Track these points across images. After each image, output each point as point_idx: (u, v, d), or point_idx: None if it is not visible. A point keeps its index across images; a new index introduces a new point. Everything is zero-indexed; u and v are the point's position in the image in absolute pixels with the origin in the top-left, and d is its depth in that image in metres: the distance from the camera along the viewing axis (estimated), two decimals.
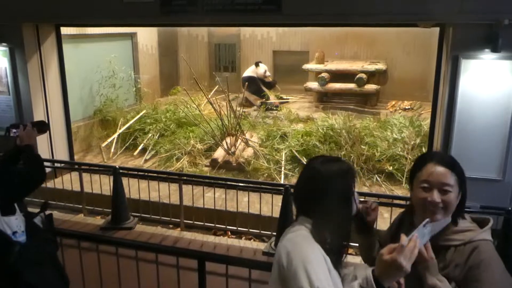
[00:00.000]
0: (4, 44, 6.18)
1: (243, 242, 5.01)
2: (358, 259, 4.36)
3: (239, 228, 5.20)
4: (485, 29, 4.42)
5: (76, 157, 7.26)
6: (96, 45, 8.37)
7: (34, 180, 2.57)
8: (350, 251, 5.13)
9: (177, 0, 5.05)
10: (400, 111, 9.18)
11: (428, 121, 7.42)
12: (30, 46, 6.24)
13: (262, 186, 5.22)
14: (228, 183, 5.39)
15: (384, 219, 5.06)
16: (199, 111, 7.82)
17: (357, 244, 2.04)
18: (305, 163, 6.57)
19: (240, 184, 5.37)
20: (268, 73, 9.94)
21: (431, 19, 4.61)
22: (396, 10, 4.52)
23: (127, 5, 5.25)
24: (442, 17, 4.50)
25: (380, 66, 9.44)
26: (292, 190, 4.69)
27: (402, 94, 10.09)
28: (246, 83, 9.07)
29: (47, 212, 2.63)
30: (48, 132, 6.42)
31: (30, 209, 2.59)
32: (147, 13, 5.23)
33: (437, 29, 5.25)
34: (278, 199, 4.90)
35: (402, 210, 2.00)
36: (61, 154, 6.84)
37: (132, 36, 9.64)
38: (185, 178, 5.32)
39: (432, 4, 4.37)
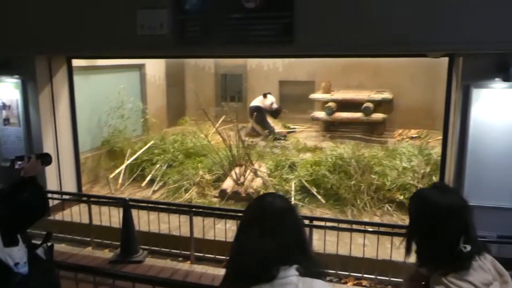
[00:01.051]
0: (16, 76, 6.24)
1: None
2: None
3: None
4: (495, 58, 4.46)
5: (83, 189, 7.23)
6: (105, 77, 8.46)
7: (37, 212, 2.57)
8: (365, 282, 5.06)
9: (191, 32, 5.12)
10: (407, 139, 9.18)
11: (437, 149, 7.44)
12: (42, 79, 6.31)
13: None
14: (239, 214, 5.33)
15: (397, 250, 4.97)
16: (208, 141, 7.81)
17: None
18: (315, 193, 6.61)
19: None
20: (275, 105, 9.99)
21: (442, 50, 4.65)
22: (408, 40, 4.56)
23: (140, 37, 5.31)
24: (453, 48, 4.54)
25: (386, 95, 9.50)
26: (305, 221, 4.65)
27: (408, 122, 10.13)
28: (255, 113, 9.09)
29: (49, 243, 2.63)
30: (57, 163, 6.53)
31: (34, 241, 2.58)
32: (161, 45, 5.28)
33: (443, 59, 5.30)
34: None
35: None
36: (69, 185, 6.81)
37: (140, 67, 9.76)
38: (195, 210, 5.26)
39: (443, 35, 4.41)
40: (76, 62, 6.93)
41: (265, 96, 9.85)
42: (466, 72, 4.62)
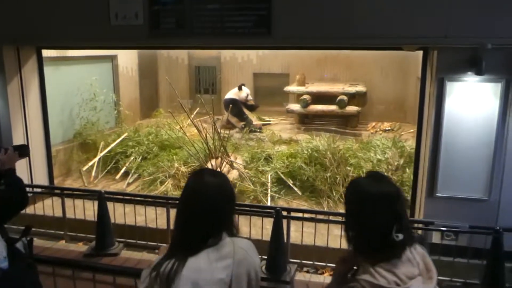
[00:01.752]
0: None
1: None
2: None
3: None
4: (469, 52, 4.55)
5: (55, 182, 7.06)
6: (76, 68, 8.25)
7: (16, 205, 2.52)
8: None
9: (166, 23, 5.04)
10: (380, 132, 9.32)
11: (410, 142, 7.59)
12: (10, 69, 6.10)
13: (252, 209, 5.15)
14: None
15: None
16: (184, 133, 7.73)
17: None
18: (291, 184, 6.65)
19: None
20: (250, 97, 9.98)
21: (417, 43, 4.73)
22: (383, 33, 4.62)
23: (114, 27, 5.20)
24: (427, 41, 4.62)
25: (360, 88, 9.61)
26: (283, 212, 4.67)
27: (381, 115, 10.30)
28: (230, 105, 9.04)
29: (29, 237, 2.58)
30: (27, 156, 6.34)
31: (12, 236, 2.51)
32: (135, 36, 5.18)
33: (416, 52, 5.39)
34: (266, 222, 4.87)
35: None
36: (41, 178, 6.63)
37: (113, 58, 9.57)
38: (172, 202, 5.20)
39: (417, 29, 4.49)
40: (46, 53, 6.73)
41: (240, 88, 9.80)
42: (440, 65, 4.71)
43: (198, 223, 1.67)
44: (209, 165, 6.99)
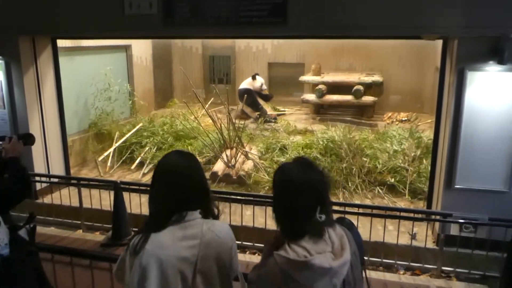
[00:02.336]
0: None
1: (248, 257, 4.91)
2: None
3: (243, 243, 5.10)
4: (491, 41, 4.42)
5: (71, 172, 7.12)
6: (91, 58, 8.26)
7: (19, 193, 2.53)
8: None
9: (180, 12, 4.99)
10: (397, 122, 9.21)
11: (428, 132, 7.48)
12: (26, 59, 6.11)
13: (268, 199, 5.11)
14: (232, 197, 5.29)
15: (389, 231, 5.01)
16: (199, 123, 7.71)
17: None
18: None
19: (245, 197, 5.29)
20: (264, 87, 9.91)
21: (437, 32, 4.61)
22: (402, 23, 4.51)
23: (128, 17, 5.17)
24: (448, 31, 4.50)
25: (377, 78, 9.47)
26: None
27: (397, 105, 10.17)
28: (245, 95, 8.98)
29: (32, 225, 2.58)
30: (44, 146, 6.39)
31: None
32: (149, 26, 5.14)
33: (434, 42, 5.26)
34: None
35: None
36: (57, 168, 6.69)
37: (127, 48, 9.56)
38: None
39: (438, 18, 4.37)
40: (60, 43, 6.74)
41: (254, 77, 9.74)
42: (461, 55, 4.58)
43: (160, 199, 1.77)
44: (224, 156, 6.97)
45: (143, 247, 1.69)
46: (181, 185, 1.76)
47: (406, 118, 9.41)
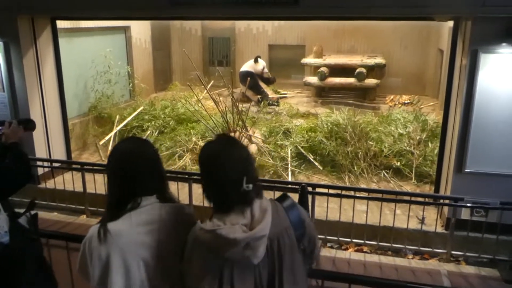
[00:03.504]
0: None
1: None
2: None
3: None
4: (505, 22, 4.33)
5: (72, 156, 7.01)
6: (89, 39, 8.08)
7: (19, 179, 2.47)
8: (365, 249, 5.07)
9: None
10: (399, 105, 9.13)
11: (433, 115, 7.42)
12: (25, 40, 5.95)
13: (276, 184, 5.05)
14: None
15: (397, 216, 4.98)
16: (203, 106, 7.60)
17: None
18: (311, 159, 6.54)
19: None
20: (266, 70, 9.78)
21: (453, 12, 4.50)
22: (415, 2, 4.40)
23: None
24: (463, 11, 4.39)
25: (380, 60, 9.35)
26: (309, 188, 4.57)
27: (398, 88, 10.08)
28: (248, 78, 8.83)
29: (33, 212, 2.54)
30: (45, 130, 6.27)
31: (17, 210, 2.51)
32: (155, 6, 4.98)
33: (437, 23, 5.14)
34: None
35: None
36: (58, 152, 6.58)
37: (126, 29, 9.36)
38: (195, 177, 5.10)
39: None
40: (58, 24, 6.55)
41: (256, 60, 9.59)
42: (474, 36, 4.49)
43: (112, 188, 1.77)
44: None
45: (101, 239, 1.67)
46: (129, 172, 1.73)
47: (408, 101, 9.33)
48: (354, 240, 4.86)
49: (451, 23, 5.23)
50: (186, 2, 4.82)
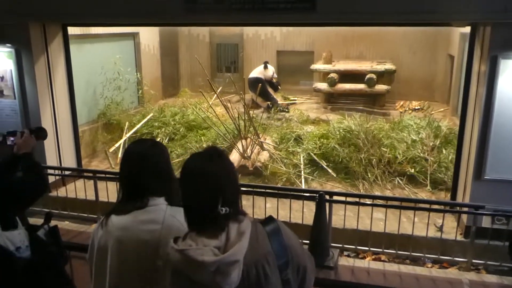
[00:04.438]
0: (9, 45, 5.83)
1: None
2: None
3: None
4: None
5: (82, 163, 6.96)
6: (98, 46, 8.06)
7: (35, 190, 2.40)
8: (383, 257, 4.99)
9: None
10: (410, 111, 9.07)
11: (446, 122, 7.35)
12: (37, 47, 5.91)
13: (292, 193, 4.97)
14: (250, 189, 5.14)
15: (414, 224, 4.89)
16: (214, 113, 7.54)
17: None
18: (324, 166, 6.47)
19: (270, 190, 5.16)
20: (275, 75, 9.73)
21: (473, 18, 4.44)
22: (434, 8, 4.35)
23: (148, 3, 4.95)
24: (484, 16, 4.32)
25: (390, 66, 9.28)
26: (326, 196, 4.50)
27: (408, 94, 10.01)
28: (259, 84, 8.78)
29: (52, 224, 2.45)
30: (55, 137, 6.22)
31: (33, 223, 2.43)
32: (169, 12, 4.93)
33: (447, 28, 5.08)
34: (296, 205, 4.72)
35: None
36: (69, 160, 6.53)
37: (134, 36, 9.35)
38: None
39: (473, 2, 4.21)
40: (70, 30, 6.52)
41: (265, 66, 9.54)
42: (494, 42, 4.43)
43: (121, 186, 1.85)
44: (239, 146, 6.83)
45: (105, 228, 1.77)
46: (136, 172, 1.80)
47: (419, 107, 9.27)
48: (372, 249, 4.78)
49: (462, 29, 5.18)
50: (201, 8, 4.76)
